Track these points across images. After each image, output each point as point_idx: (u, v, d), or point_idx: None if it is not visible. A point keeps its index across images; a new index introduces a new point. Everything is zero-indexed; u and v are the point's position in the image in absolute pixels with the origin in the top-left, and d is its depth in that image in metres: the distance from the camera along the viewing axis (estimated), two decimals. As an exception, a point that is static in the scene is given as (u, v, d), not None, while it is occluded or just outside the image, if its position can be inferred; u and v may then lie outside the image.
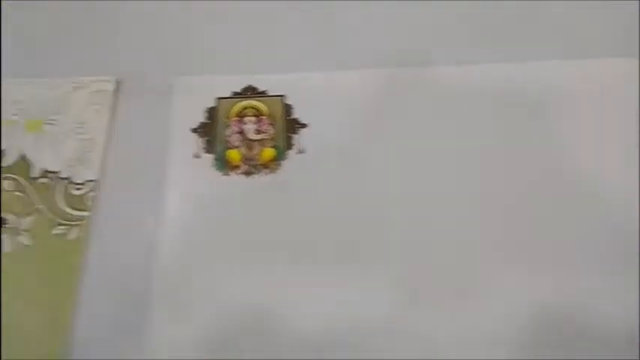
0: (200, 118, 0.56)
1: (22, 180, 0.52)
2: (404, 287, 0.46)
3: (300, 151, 0.53)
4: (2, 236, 0.49)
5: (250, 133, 0.54)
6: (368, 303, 0.46)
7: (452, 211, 0.49)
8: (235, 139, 0.54)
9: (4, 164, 0.53)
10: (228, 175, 0.52)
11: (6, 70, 0.58)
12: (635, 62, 0.55)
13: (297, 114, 0.55)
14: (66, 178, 0.52)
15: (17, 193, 0.51)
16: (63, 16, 0.62)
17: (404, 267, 0.47)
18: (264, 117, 0.55)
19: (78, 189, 0.52)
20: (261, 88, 0.57)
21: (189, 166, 0.53)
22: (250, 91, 0.57)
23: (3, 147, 0.54)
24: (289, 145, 0.54)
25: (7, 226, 0.50)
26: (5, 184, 0.52)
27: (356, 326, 0.45)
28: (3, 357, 0.44)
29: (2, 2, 0.54)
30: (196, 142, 0.54)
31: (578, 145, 0.52)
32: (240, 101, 0.56)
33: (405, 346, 0.44)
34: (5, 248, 0.49)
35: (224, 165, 0.53)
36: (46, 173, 0.52)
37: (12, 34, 0.60)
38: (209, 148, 0.54)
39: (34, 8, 0.62)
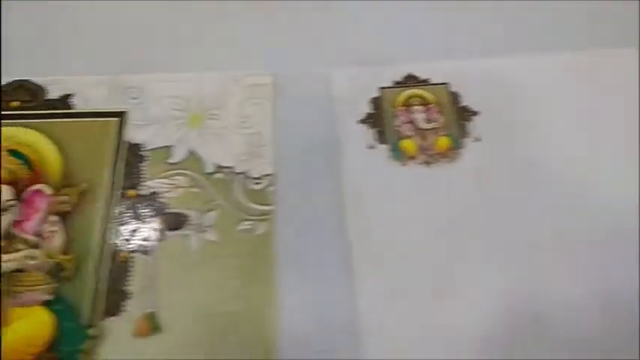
0: (364, 109, 0.54)
1: (196, 175, 0.50)
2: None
3: (477, 139, 0.52)
4: (187, 233, 0.48)
5: (421, 123, 0.53)
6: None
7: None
8: (406, 128, 0.53)
9: (172, 160, 0.51)
10: (405, 165, 0.51)
11: (156, 65, 0.57)
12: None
13: (465, 101, 0.54)
14: (241, 173, 0.51)
15: (194, 189, 0.50)
16: (216, 9, 0.61)
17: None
18: (431, 105, 0.54)
19: (257, 183, 0.50)
20: (422, 77, 0.56)
21: (364, 157, 0.51)
22: (411, 80, 0.56)
23: (169, 143, 0.52)
24: (463, 134, 0.52)
25: (190, 223, 0.48)
26: (179, 180, 0.50)
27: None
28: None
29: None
30: (367, 133, 0.53)
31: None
32: (404, 90, 0.55)
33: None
34: (192, 246, 0.47)
35: (400, 155, 0.52)
36: (220, 168, 0.51)
37: (165, 30, 0.59)
38: (381, 138, 0.53)
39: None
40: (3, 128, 0.52)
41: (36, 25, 0.59)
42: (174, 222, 0.48)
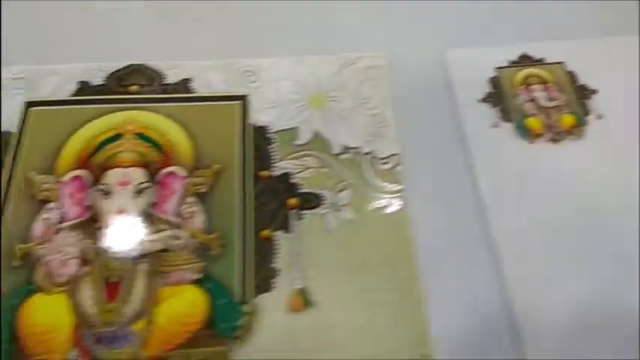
0: (481, 88, 0.55)
1: (324, 156, 0.51)
2: None
3: (599, 117, 0.52)
4: (324, 212, 0.48)
5: (543, 101, 0.53)
6: None
7: None
8: (529, 107, 0.53)
9: (299, 142, 0.52)
10: (533, 142, 0.51)
11: (271, 49, 0.57)
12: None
13: (583, 80, 0.54)
14: (368, 153, 0.51)
15: (324, 169, 0.50)
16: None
17: None
18: (549, 84, 0.54)
19: (384, 163, 0.50)
20: (536, 56, 0.56)
21: (490, 136, 0.52)
22: (526, 60, 0.56)
23: (293, 125, 0.52)
24: (585, 111, 0.53)
25: (325, 202, 0.48)
26: (308, 160, 0.51)
27: None
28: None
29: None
30: (489, 111, 0.53)
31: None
32: (520, 70, 0.55)
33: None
34: (330, 224, 0.47)
35: (526, 133, 0.52)
36: (347, 149, 0.51)
37: (278, 15, 0.60)
38: (505, 117, 0.53)
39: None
40: (127, 112, 0.52)
41: (155, 10, 0.60)
42: (311, 201, 0.48)
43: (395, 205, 0.48)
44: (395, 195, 0.49)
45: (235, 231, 0.47)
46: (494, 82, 0.54)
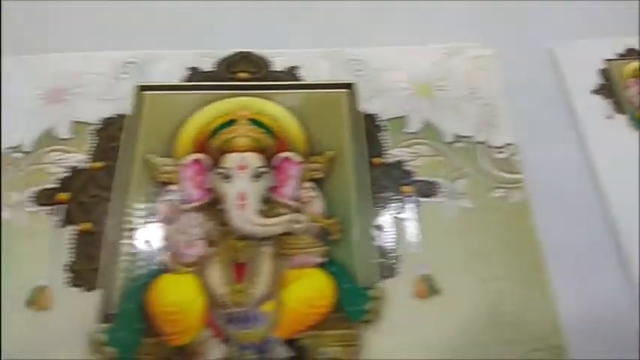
0: (591, 80, 0.54)
1: (437, 145, 0.51)
2: None
3: None
4: (441, 200, 0.48)
5: (657, 94, 0.53)
6: None
7: None
8: (642, 99, 0.53)
9: (409, 130, 0.52)
10: (649, 134, 0.51)
11: (375, 38, 0.57)
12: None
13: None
14: (482, 142, 0.51)
15: (438, 157, 0.50)
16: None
17: None
18: (661, 77, 0.54)
19: (499, 152, 0.50)
20: (644, 50, 0.55)
21: (604, 127, 0.51)
22: (633, 53, 0.56)
23: (403, 113, 0.52)
24: (701, 104, 0.52)
25: (441, 190, 0.48)
26: (421, 148, 0.50)
27: None
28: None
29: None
30: (601, 103, 0.52)
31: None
32: (629, 63, 0.55)
33: None
34: (449, 213, 0.47)
35: (640, 125, 0.51)
36: (459, 138, 0.51)
37: (380, 5, 0.60)
38: (618, 108, 0.52)
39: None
40: (239, 98, 0.53)
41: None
42: (427, 189, 0.48)
43: (515, 195, 0.48)
44: (514, 184, 0.48)
45: (352, 216, 0.47)
46: (605, 74, 0.54)
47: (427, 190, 0.48)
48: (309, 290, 0.44)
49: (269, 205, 0.47)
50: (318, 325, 0.42)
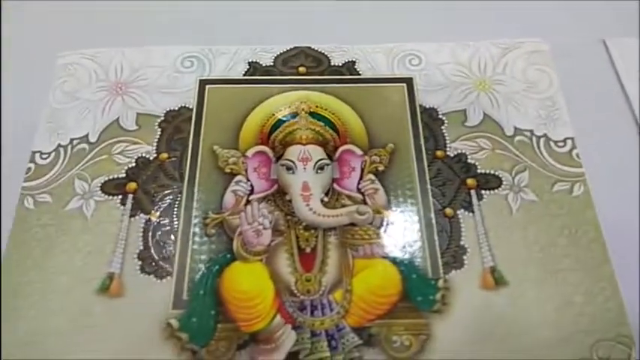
0: (647, 75, 0.54)
1: (498, 138, 0.51)
2: None
3: None
4: (504, 193, 0.48)
5: None
6: None
7: None
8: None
9: (469, 123, 0.52)
10: None
11: (427, 34, 0.58)
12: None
13: None
14: (542, 136, 0.51)
15: (499, 151, 0.50)
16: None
17: None
18: None
19: (560, 146, 0.50)
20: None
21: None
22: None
23: (462, 107, 0.53)
24: None
25: (504, 183, 0.49)
26: (482, 142, 0.51)
27: None
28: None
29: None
30: (661, 98, 0.52)
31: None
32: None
33: None
34: (513, 205, 0.47)
35: None
36: (520, 131, 0.51)
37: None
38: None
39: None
40: (299, 92, 0.53)
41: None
42: (490, 182, 0.49)
43: (578, 189, 0.48)
44: (577, 178, 0.48)
45: (416, 209, 0.47)
46: (662, 70, 0.54)
47: (490, 182, 0.49)
48: (378, 279, 0.44)
49: (332, 197, 0.48)
50: (387, 314, 0.42)
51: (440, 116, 0.52)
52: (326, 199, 0.47)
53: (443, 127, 0.52)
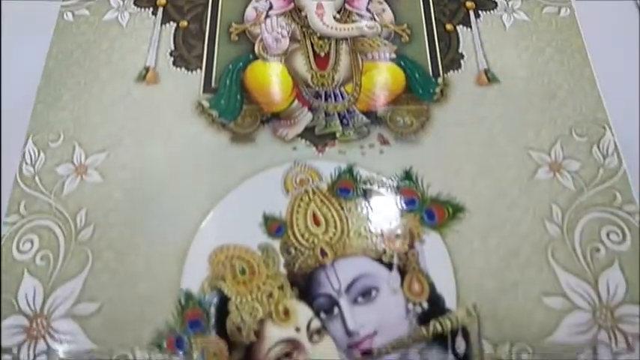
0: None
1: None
2: None
3: None
4: (500, 14, 0.53)
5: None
6: None
7: None
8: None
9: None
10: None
11: None
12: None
13: None
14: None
15: (496, -19, 0.55)
16: None
17: None
18: None
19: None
20: None
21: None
22: None
23: None
24: None
25: (499, 6, 0.54)
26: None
27: None
28: None
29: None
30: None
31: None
32: None
33: None
34: (507, 23, 0.53)
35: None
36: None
37: None
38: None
39: None
40: None
41: None
42: (486, 5, 0.54)
43: (564, 11, 0.53)
44: (563, 3, 0.54)
45: (421, 24, 0.52)
46: None
47: (487, 5, 0.54)
48: (384, 76, 0.50)
49: (344, 14, 0.53)
50: (393, 101, 0.48)
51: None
52: (338, 17, 0.53)
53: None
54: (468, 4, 0.54)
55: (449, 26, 0.52)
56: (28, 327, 0.38)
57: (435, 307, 0.39)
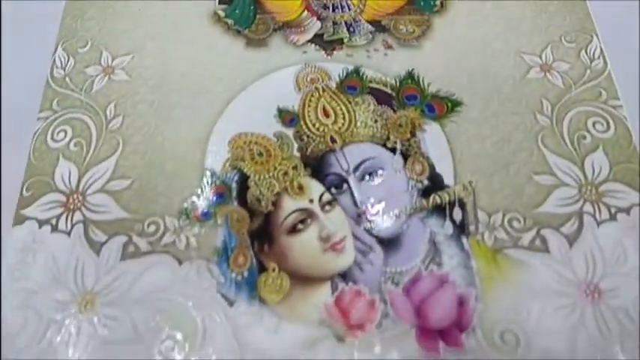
0: None
1: None
2: None
3: None
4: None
5: None
6: None
7: None
8: None
9: None
10: None
11: None
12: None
13: None
14: None
15: None
16: None
17: None
18: None
19: None
20: None
21: None
22: None
23: None
24: None
25: None
26: None
27: None
28: None
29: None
30: None
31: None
32: None
33: None
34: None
35: None
36: None
37: None
38: None
39: None
40: None
41: None
42: None
43: None
44: None
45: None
46: None
47: None
48: (387, -8, 0.53)
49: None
50: (396, 12, 0.52)
51: None
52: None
53: None
54: None
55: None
56: (65, 202, 0.42)
57: (435, 183, 0.43)
